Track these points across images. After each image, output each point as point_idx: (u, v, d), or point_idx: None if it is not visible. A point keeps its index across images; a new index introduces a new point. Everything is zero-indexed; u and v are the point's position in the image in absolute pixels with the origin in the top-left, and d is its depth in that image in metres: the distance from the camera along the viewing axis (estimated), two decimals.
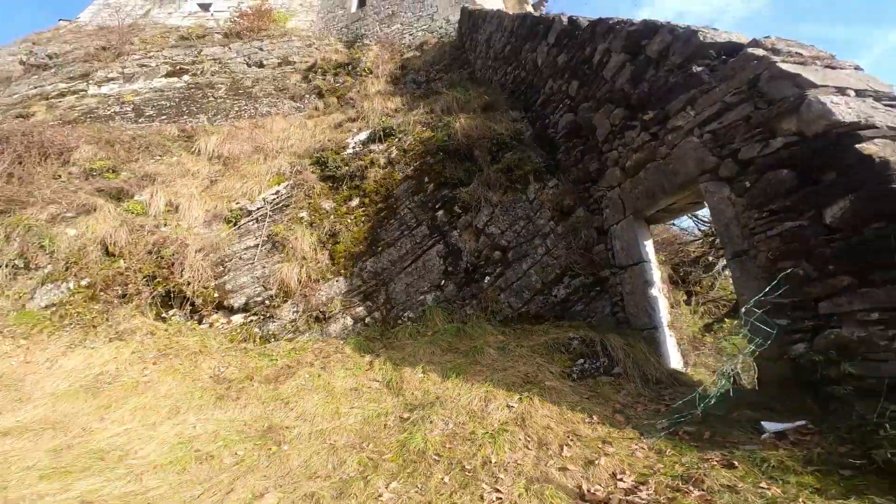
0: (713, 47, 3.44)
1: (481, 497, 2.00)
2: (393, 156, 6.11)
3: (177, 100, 11.86)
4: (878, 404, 2.03)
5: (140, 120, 10.92)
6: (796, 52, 3.20)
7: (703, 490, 2.01)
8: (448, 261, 5.13)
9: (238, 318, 5.13)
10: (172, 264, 5.16)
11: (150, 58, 13.29)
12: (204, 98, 12.00)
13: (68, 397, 3.62)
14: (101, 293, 5.02)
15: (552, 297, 4.61)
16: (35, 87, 12.30)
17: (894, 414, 1.96)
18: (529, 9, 20.23)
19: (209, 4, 17.86)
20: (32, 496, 2.23)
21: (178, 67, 12.92)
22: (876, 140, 2.35)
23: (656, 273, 3.95)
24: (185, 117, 11.10)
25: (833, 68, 3.04)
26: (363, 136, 6.93)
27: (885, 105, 2.70)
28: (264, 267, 5.30)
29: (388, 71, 11.38)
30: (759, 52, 3.11)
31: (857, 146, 2.32)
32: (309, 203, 6.08)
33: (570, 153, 5.05)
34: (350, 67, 12.50)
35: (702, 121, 3.32)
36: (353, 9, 17.05)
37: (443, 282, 5.05)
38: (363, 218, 5.73)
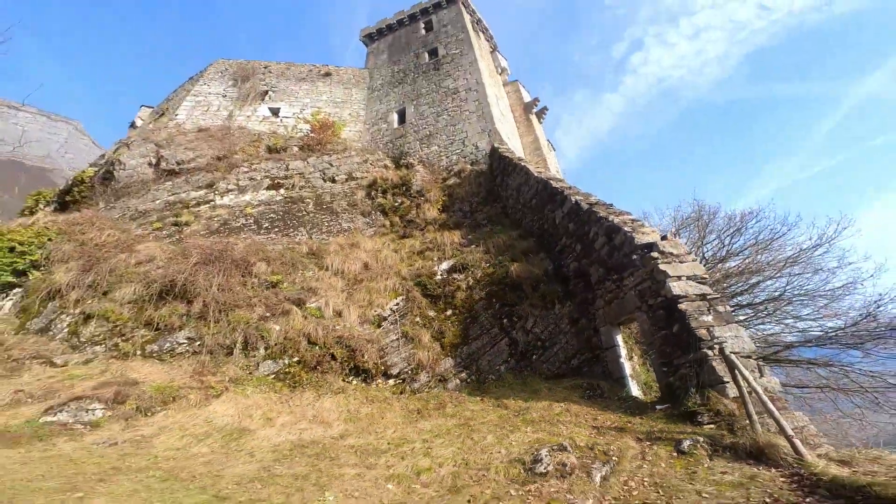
0: (640, 246, 8.31)
1: (560, 426, 6.39)
2: (470, 283, 10.91)
3: (281, 213, 16.67)
4: (686, 394, 6.53)
5: (261, 231, 15.64)
6: (670, 252, 8.08)
7: (632, 423, 6.43)
8: (511, 347, 9.68)
9: (391, 381, 9.49)
10: (355, 350, 9.62)
11: (254, 171, 17.97)
12: (299, 212, 16.85)
13: (345, 421, 7.85)
14: (318, 366, 9.41)
15: (571, 365, 9.12)
16: (173, 195, 16.86)
17: (687, 397, 6.45)
18: (534, 119, 26.43)
19: (278, 109, 23.22)
20: (410, 452, 6.48)
21: (275, 182, 17.83)
22: (686, 302, 7.09)
23: (623, 350, 8.56)
24: (291, 230, 15.94)
25: (682, 262, 7.91)
26: (445, 265, 11.80)
27: (696, 283, 7.51)
28: (405, 352, 9.79)
29: (437, 198, 16.61)
30: (655, 254, 7.95)
31: (678, 305, 7.05)
32: (420, 312, 10.72)
33: (577, 286, 9.89)
34: (404, 188, 17.71)
35: (635, 284, 8.12)
36: (395, 124, 22.45)
37: (509, 359, 9.56)
38: (456, 322, 10.36)
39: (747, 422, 5.63)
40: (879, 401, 11.47)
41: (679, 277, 7.48)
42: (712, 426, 5.94)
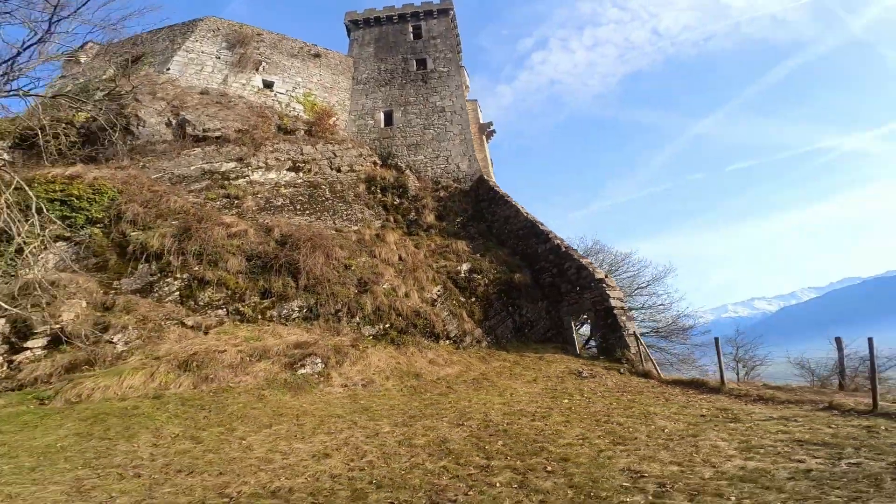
0: (596, 279, 17.56)
1: (569, 363, 15.11)
2: (486, 282, 18.92)
3: (307, 196, 21.93)
4: (615, 352, 15.90)
5: (297, 212, 20.86)
6: (610, 285, 17.53)
7: (595, 363, 15.52)
8: (514, 324, 18.17)
9: (449, 342, 17.06)
10: (428, 319, 16.81)
11: (277, 151, 22.35)
12: (321, 197, 22.26)
13: (450, 364, 15.19)
14: (405, 331, 16.37)
15: (546, 336, 18.08)
16: (207, 163, 20.31)
17: (615, 353, 15.83)
18: (484, 138, 34.41)
19: (272, 83, 26.54)
20: (509, 374, 14.40)
21: (295, 164, 22.65)
22: (616, 309, 16.47)
23: (573, 329, 17.83)
24: (318, 213, 21.46)
25: (614, 290, 17.40)
26: (466, 267, 19.47)
27: (620, 301, 17.02)
28: (455, 322, 17.41)
29: (432, 206, 23.72)
30: (603, 285, 17.28)
31: (613, 311, 16.40)
32: (455, 297, 18.35)
33: (551, 291, 18.82)
34: (401, 190, 24.23)
35: (591, 298, 17.35)
36: (382, 124, 27.35)
37: (513, 331, 18.05)
38: (479, 306, 18.34)
39: (641, 363, 15.10)
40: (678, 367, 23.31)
41: (613, 297, 16.83)
42: (628, 365, 15.31)
